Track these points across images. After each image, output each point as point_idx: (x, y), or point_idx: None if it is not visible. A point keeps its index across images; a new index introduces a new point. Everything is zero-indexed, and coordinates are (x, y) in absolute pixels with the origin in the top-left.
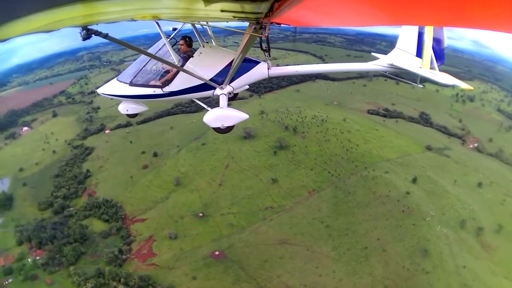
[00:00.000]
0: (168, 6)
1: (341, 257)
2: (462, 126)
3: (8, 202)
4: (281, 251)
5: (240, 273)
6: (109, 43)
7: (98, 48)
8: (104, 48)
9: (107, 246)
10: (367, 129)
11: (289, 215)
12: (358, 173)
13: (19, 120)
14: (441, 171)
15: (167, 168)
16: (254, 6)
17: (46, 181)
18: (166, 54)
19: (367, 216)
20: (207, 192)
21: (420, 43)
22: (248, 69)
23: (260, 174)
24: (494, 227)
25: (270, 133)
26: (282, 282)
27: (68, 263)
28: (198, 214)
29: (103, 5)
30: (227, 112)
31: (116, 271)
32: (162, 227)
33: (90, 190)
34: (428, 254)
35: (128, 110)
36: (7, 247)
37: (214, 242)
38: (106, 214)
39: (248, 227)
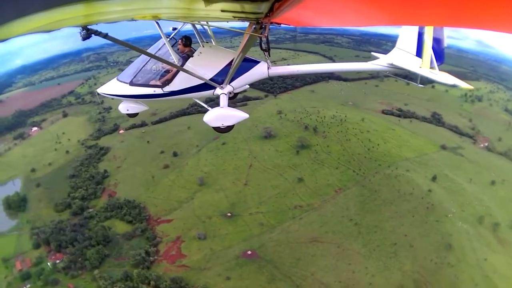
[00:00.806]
0: (168, 6)
1: (371, 253)
2: (473, 125)
3: (22, 203)
4: (312, 249)
5: (274, 272)
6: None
7: (103, 49)
8: (109, 49)
9: (132, 248)
10: (384, 129)
11: (318, 213)
12: (381, 172)
13: (27, 120)
14: (457, 169)
15: (189, 168)
16: (254, 6)
17: (61, 182)
18: (166, 54)
19: (393, 214)
20: (232, 191)
21: (420, 42)
22: (248, 68)
23: (285, 173)
24: (509, 223)
25: (290, 132)
26: (316, 279)
27: (91, 266)
28: (226, 214)
29: (103, 5)
30: (227, 112)
31: (145, 274)
32: (190, 227)
33: (109, 190)
34: (452, 248)
35: (128, 109)
36: (23, 251)
37: (245, 242)
38: (129, 215)
39: (278, 226)
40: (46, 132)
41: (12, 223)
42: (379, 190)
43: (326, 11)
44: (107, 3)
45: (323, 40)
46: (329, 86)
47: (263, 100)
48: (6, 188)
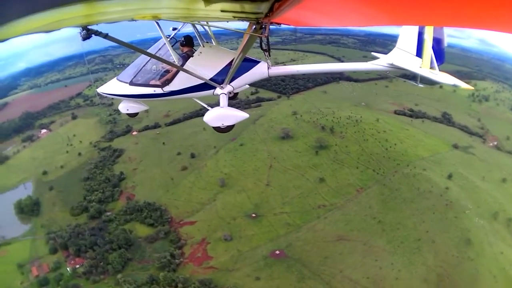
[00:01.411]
0: (168, 6)
1: (396, 250)
2: (481, 125)
3: (35, 207)
4: (339, 247)
5: (303, 270)
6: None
7: (108, 51)
8: (114, 51)
9: (155, 251)
10: (399, 129)
11: (341, 212)
12: (400, 171)
13: (35, 122)
14: (469, 168)
15: (208, 169)
16: (254, 6)
17: (75, 185)
18: (166, 53)
19: (414, 211)
20: (255, 192)
21: (420, 42)
22: (248, 68)
23: (306, 173)
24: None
25: (307, 133)
26: (345, 276)
27: (114, 270)
28: (251, 215)
29: (104, 5)
30: (227, 112)
31: (172, 277)
32: (214, 229)
33: (127, 193)
34: (470, 243)
35: (128, 109)
36: (38, 256)
37: (272, 242)
38: (150, 218)
39: (304, 226)
40: (56, 134)
41: (25, 227)
42: (399, 189)
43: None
44: (107, 3)
45: (330, 41)
46: (340, 87)
47: (276, 101)
48: (18, 192)
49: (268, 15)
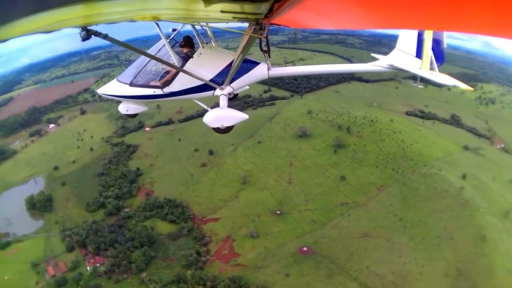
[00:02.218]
0: (168, 7)
1: (418, 246)
2: (489, 127)
3: (48, 203)
4: (364, 243)
5: (331, 266)
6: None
7: (113, 47)
8: (119, 47)
9: (179, 249)
10: (412, 130)
11: (364, 210)
12: (417, 171)
13: (42, 117)
14: (480, 169)
15: (228, 166)
16: (254, 7)
17: (89, 180)
18: (166, 54)
19: (432, 209)
20: (277, 190)
21: (419, 44)
22: (248, 69)
23: (327, 171)
24: None
25: (324, 132)
26: (372, 272)
27: (137, 269)
28: (276, 212)
29: (103, 6)
30: (226, 113)
31: (199, 275)
32: (239, 226)
33: (145, 189)
34: (485, 240)
35: (128, 110)
36: (54, 254)
37: (299, 239)
38: (171, 214)
39: (329, 223)
40: (64, 129)
41: (37, 224)
42: (418, 188)
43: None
44: (107, 4)
45: (336, 40)
46: (352, 87)
47: (289, 100)
48: (28, 187)
49: (267, 16)
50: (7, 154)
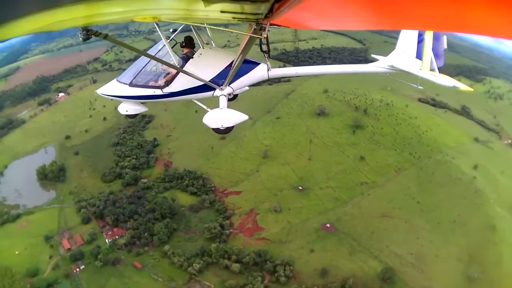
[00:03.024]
0: (168, 7)
1: (433, 229)
2: (497, 122)
3: (61, 173)
4: (383, 223)
5: (353, 244)
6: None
7: None
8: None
9: (201, 221)
10: (426, 117)
11: (383, 191)
12: (433, 157)
13: (51, 86)
14: (490, 161)
15: (248, 140)
16: (254, 7)
17: (103, 150)
18: (166, 55)
19: (447, 195)
20: (298, 166)
21: (420, 44)
22: (248, 70)
23: (346, 151)
24: None
25: (341, 112)
26: (391, 251)
27: (159, 241)
28: (298, 188)
29: (103, 6)
30: (226, 113)
31: (224, 248)
32: (262, 200)
33: (163, 160)
34: (495, 229)
35: (128, 110)
36: (68, 226)
37: (321, 215)
38: (192, 186)
39: (350, 201)
40: (75, 98)
41: (49, 195)
42: (434, 173)
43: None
44: (107, 4)
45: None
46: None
47: (304, 78)
48: (37, 157)
49: (267, 16)
50: (15, 123)
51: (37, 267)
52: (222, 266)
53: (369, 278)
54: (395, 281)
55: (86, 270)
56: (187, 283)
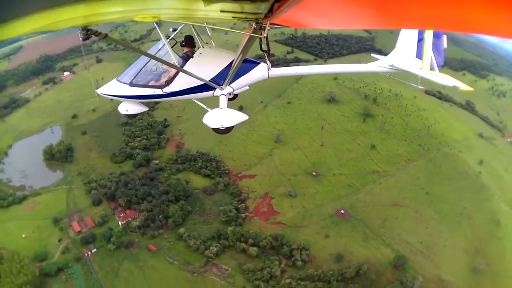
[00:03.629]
0: (168, 7)
1: (442, 220)
2: (500, 119)
3: (68, 153)
4: (394, 212)
5: (366, 231)
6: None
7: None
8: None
9: (215, 204)
10: (433, 110)
11: (394, 180)
12: (441, 149)
13: (55, 65)
14: (494, 158)
15: (260, 123)
16: (254, 7)
17: (112, 130)
18: (166, 54)
19: (454, 188)
20: (311, 151)
21: (420, 44)
22: (248, 70)
23: (357, 138)
24: None
25: (351, 99)
26: (402, 239)
27: (174, 224)
28: (311, 173)
29: (103, 6)
30: (226, 113)
31: (240, 231)
32: (276, 184)
33: (175, 141)
34: (499, 224)
35: (128, 110)
36: (78, 208)
37: (335, 201)
38: (205, 168)
39: (362, 188)
40: (80, 77)
41: (56, 176)
42: (442, 165)
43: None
44: (107, 4)
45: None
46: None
47: (314, 63)
48: (43, 137)
49: (267, 15)
50: (19, 102)
51: (46, 250)
52: (239, 250)
53: (382, 265)
54: (406, 268)
55: (98, 253)
56: (204, 266)
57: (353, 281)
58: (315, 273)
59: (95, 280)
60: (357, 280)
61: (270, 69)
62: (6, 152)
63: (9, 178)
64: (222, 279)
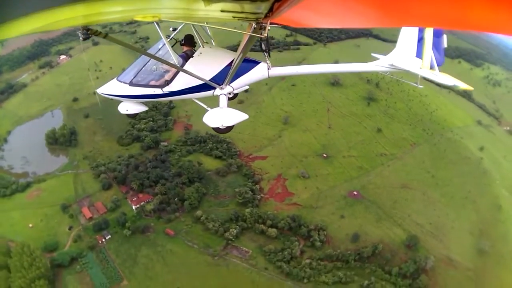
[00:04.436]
0: (169, 7)
1: (448, 202)
2: (496, 108)
3: (72, 137)
4: (404, 193)
5: (379, 212)
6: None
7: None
8: None
9: (229, 186)
10: (433, 96)
11: (401, 163)
12: (444, 135)
13: (50, 49)
14: (493, 145)
15: (267, 105)
16: (254, 6)
17: (115, 112)
18: (166, 54)
19: (458, 172)
20: (319, 133)
21: (420, 43)
22: (248, 69)
23: (363, 122)
24: None
25: (354, 83)
26: (412, 220)
27: (190, 207)
28: (322, 155)
29: (104, 5)
30: (226, 112)
31: (258, 213)
32: (288, 166)
33: (182, 122)
34: (501, 208)
35: (128, 110)
36: (87, 193)
37: (347, 183)
38: (216, 149)
39: (372, 171)
40: (77, 60)
41: (59, 161)
42: (446, 150)
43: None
44: (107, 3)
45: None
46: (371, 43)
47: (313, 47)
48: (44, 121)
49: (267, 15)
50: (16, 87)
51: (56, 240)
52: (257, 231)
53: (395, 244)
54: (418, 248)
55: (113, 240)
56: (224, 249)
57: (369, 260)
58: (334, 253)
59: (113, 268)
60: (373, 259)
61: (270, 69)
62: (5, 139)
63: (10, 165)
64: (243, 261)
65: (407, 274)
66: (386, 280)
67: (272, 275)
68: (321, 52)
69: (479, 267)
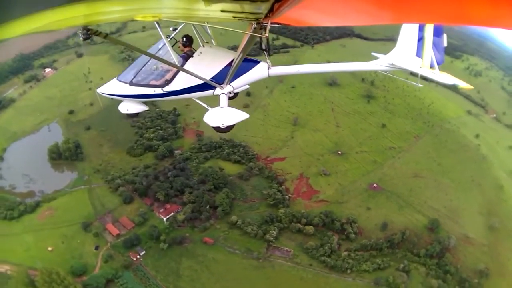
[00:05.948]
0: (169, 6)
1: (457, 187)
2: (481, 97)
3: (78, 150)
4: (417, 182)
5: (399, 201)
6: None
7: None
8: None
9: (255, 189)
10: (426, 90)
11: (409, 154)
12: (443, 126)
13: (33, 63)
14: (485, 132)
15: (273, 107)
16: (254, 6)
17: (118, 122)
18: (166, 54)
19: (460, 160)
20: (329, 132)
21: (420, 43)
22: (248, 68)
23: (367, 119)
24: None
25: (351, 83)
26: (429, 206)
27: (223, 213)
28: (337, 152)
29: (104, 5)
30: (227, 112)
31: (291, 212)
32: (307, 165)
33: (191, 130)
34: (503, 189)
35: (128, 109)
36: (108, 209)
37: (365, 177)
38: (234, 154)
39: (385, 163)
40: (65, 72)
41: (66, 176)
42: (447, 140)
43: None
44: (107, 3)
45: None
46: (355, 43)
47: (301, 49)
48: (41, 136)
49: (268, 15)
50: (4, 103)
51: (83, 262)
52: (294, 230)
53: (419, 229)
54: (439, 231)
55: (149, 255)
56: (267, 251)
57: (399, 246)
58: (368, 243)
59: (155, 285)
60: (401, 245)
61: (270, 68)
62: (1, 157)
63: (12, 184)
64: (288, 261)
65: (433, 254)
66: (417, 262)
67: (317, 270)
68: (311, 53)
69: (492, 242)
